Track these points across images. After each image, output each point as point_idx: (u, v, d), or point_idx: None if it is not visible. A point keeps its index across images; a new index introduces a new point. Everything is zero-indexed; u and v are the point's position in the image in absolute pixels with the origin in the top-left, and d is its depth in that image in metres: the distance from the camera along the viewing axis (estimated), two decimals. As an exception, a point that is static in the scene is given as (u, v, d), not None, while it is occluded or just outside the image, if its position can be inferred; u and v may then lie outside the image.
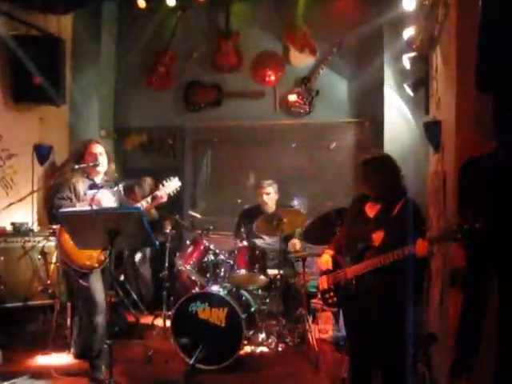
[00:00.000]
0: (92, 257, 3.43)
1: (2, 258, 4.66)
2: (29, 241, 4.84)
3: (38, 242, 4.86)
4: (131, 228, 3.00)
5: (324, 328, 4.69)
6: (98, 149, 3.69)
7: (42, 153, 5.56)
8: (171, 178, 3.77)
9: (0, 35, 5.11)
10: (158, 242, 3.54)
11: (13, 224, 4.93)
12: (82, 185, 3.49)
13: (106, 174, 3.76)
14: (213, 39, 5.86)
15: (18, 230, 4.91)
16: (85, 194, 3.38)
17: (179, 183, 3.79)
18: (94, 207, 3.06)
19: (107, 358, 3.22)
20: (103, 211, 2.98)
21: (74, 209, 3.11)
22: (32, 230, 5.01)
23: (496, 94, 2.87)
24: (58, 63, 5.38)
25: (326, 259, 3.13)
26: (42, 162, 5.57)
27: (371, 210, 2.99)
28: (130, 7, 5.81)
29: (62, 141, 5.81)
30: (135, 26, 6.01)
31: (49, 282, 4.78)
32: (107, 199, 3.44)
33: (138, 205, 3.57)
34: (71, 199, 3.41)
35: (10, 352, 4.16)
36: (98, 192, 3.33)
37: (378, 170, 2.93)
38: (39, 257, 4.83)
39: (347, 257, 3.03)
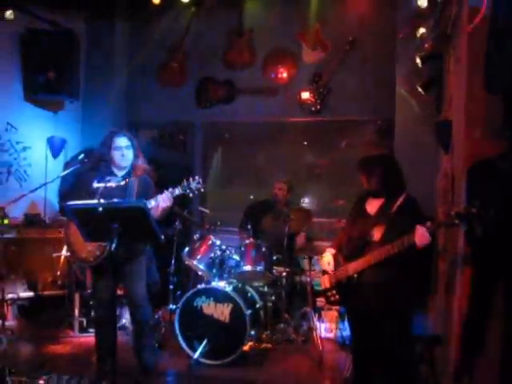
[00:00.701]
0: (89, 251, 3.41)
1: (15, 249, 4.76)
2: (41, 232, 4.94)
3: (50, 233, 4.95)
4: (136, 222, 3.01)
5: (329, 327, 4.68)
6: (123, 142, 3.56)
7: (55, 146, 5.65)
8: (195, 178, 3.42)
9: (16, 30, 5.21)
10: (163, 237, 3.52)
11: (25, 215, 5.03)
12: (92, 178, 3.48)
13: (134, 168, 3.60)
14: (226, 36, 5.86)
15: (31, 221, 5.01)
16: (91, 187, 3.39)
17: (199, 185, 3.41)
18: (101, 201, 3.07)
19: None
20: (108, 205, 2.95)
21: (80, 202, 3.12)
22: (44, 222, 5.11)
23: (506, 94, 2.84)
24: (72, 58, 5.46)
25: (327, 259, 3.16)
26: (55, 155, 5.67)
27: (371, 207, 3.04)
28: (144, 3, 5.82)
29: (74, 134, 5.89)
30: (149, 21, 6.03)
31: (59, 273, 4.87)
32: (113, 193, 3.42)
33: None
34: (79, 192, 3.43)
35: (20, 341, 4.26)
36: (104, 185, 3.31)
37: (376, 165, 3.04)
38: (50, 248, 4.92)
39: (348, 254, 3.06)
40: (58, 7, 5.54)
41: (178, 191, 3.37)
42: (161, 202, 3.35)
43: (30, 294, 4.78)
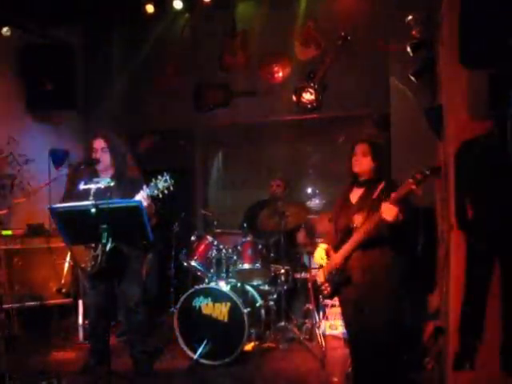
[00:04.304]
0: (85, 260, 3.43)
1: (19, 259, 4.81)
2: (44, 242, 4.99)
3: (54, 242, 5.00)
4: (129, 222, 3.01)
5: (334, 324, 4.61)
6: (98, 144, 3.58)
7: (57, 157, 5.73)
8: (160, 176, 3.14)
9: (15, 46, 5.34)
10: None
11: (29, 225, 5.09)
12: (79, 181, 3.49)
13: (116, 171, 3.56)
14: (219, 39, 5.90)
15: (35, 231, 5.06)
16: (77, 190, 3.40)
17: (166, 184, 3.11)
18: (90, 201, 3.06)
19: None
20: (104, 205, 2.92)
21: (69, 204, 3.12)
22: (48, 231, 5.15)
23: (488, 69, 2.78)
24: (70, 70, 5.57)
25: (319, 254, 3.13)
26: (57, 167, 5.75)
27: (354, 196, 3.03)
28: (140, 13, 5.91)
29: (76, 145, 5.97)
30: (144, 30, 6.12)
31: (63, 281, 4.92)
32: (102, 194, 3.43)
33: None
34: (66, 195, 3.47)
35: (24, 349, 4.30)
36: (94, 187, 3.30)
37: (378, 150, 2.99)
38: (54, 257, 4.97)
39: (336, 245, 3.03)
40: (55, 21, 5.65)
41: (146, 193, 3.18)
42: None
43: (36, 303, 4.81)
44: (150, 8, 5.80)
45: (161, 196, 3.15)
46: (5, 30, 5.14)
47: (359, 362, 3.10)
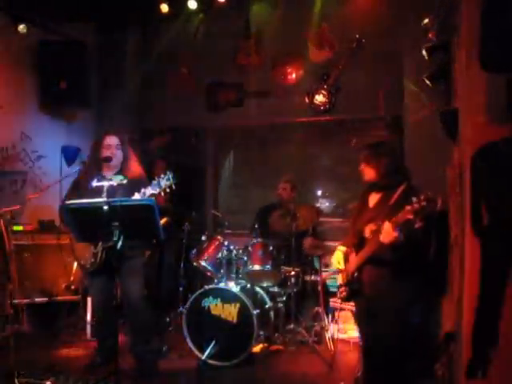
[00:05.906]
0: (85, 257, 3.43)
1: (29, 255, 4.84)
2: (55, 238, 5.00)
3: (64, 239, 5.01)
4: (141, 220, 2.99)
5: (343, 328, 4.57)
6: (113, 140, 3.54)
7: (69, 154, 5.76)
8: (162, 175, 3.12)
9: (30, 43, 5.37)
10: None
11: (40, 222, 5.11)
12: (90, 179, 3.48)
13: (124, 170, 3.52)
14: (234, 39, 5.90)
15: (45, 228, 5.07)
16: (90, 187, 3.39)
17: (168, 182, 3.09)
18: (103, 199, 3.04)
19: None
20: (117, 202, 2.87)
21: (81, 201, 3.11)
22: (58, 228, 5.16)
23: (504, 73, 2.74)
24: (83, 68, 5.58)
25: (337, 258, 3.13)
26: (69, 163, 5.77)
27: (373, 200, 2.98)
28: (154, 12, 5.92)
29: (88, 143, 5.95)
30: (159, 29, 6.13)
31: (72, 278, 4.92)
32: (115, 192, 3.41)
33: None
34: (77, 192, 3.47)
35: (32, 345, 4.32)
36: (102, 184, 3.27)
37: (379, 154, 2.94)
38: (64, 254, 4.97)
39: (355, 249, 3.03)
40: (70, 20, 5.68)
41: (148, 191, 3.18)
42: None
43: (45, 299, 4.82)
44: (164, 7, 5.81)
45: (163, 194, 3.12)
46: (20, 27, 5.17)
47: (370, 367, 3.07)
